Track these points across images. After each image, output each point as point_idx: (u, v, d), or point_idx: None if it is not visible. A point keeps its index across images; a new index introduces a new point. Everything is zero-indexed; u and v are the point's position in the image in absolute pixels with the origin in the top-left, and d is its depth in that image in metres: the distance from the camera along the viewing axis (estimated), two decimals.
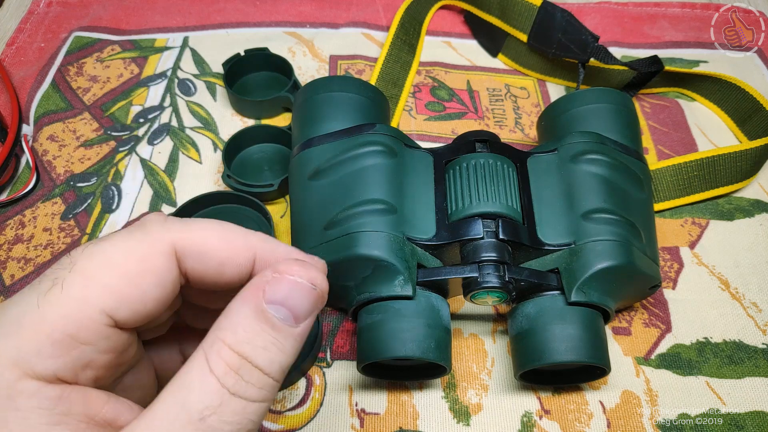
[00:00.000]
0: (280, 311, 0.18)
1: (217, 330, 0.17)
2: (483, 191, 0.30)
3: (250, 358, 0.17)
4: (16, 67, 0.46)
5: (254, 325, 0.17)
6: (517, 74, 0.48)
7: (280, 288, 0.18)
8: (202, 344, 0.17)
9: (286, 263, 0.18)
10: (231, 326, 0.17)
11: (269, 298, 0.17)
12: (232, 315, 0.17)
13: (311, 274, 0.18)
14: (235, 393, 0.17)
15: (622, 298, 0.31)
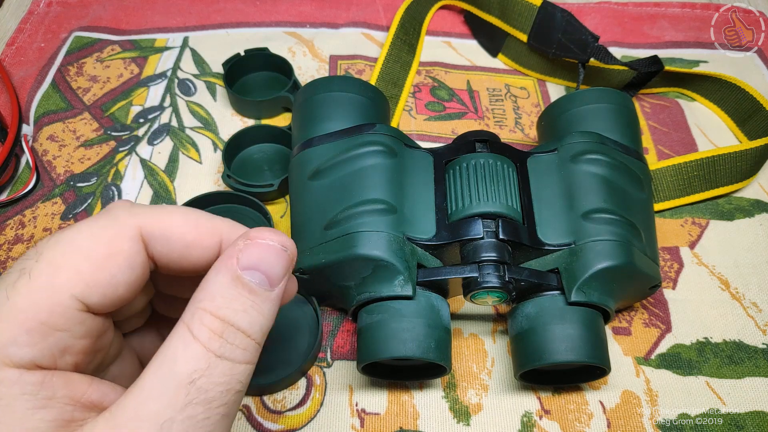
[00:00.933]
0: (255, 276, 0.18)
1: (196, 302, 0.18)
2: (483, 191, 0.30)
3: (232, 321, 0.17)
4: (16, 67, 0.46)
5: (231, 291, 0.18)
6: (517, 74, 0.48)
7: (253, 252, 0.18)
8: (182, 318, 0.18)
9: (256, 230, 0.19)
10: (209, 295, 0.18)
11: (243, 264, 0.18)
12: (209, 285, 0.18)
13: (281, 238, 0.19)
14: (221, 355, 0.17)
15: (622, 298, 0.31)
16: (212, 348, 0.17)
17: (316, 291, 0.32)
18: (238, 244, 0.18)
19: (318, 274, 0.30)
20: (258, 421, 0.31)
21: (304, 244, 0.30)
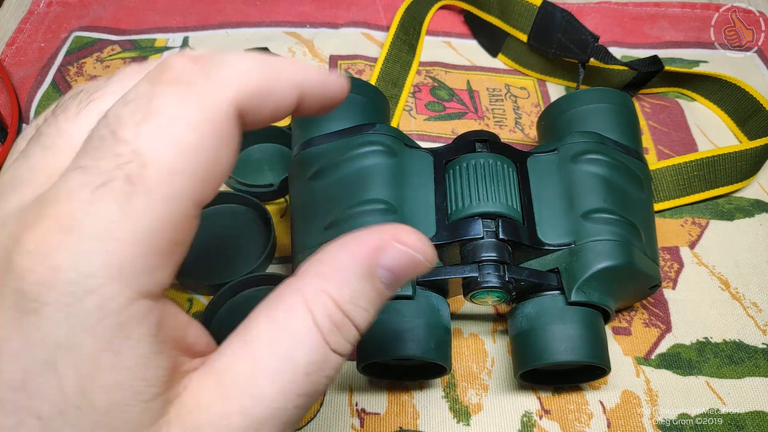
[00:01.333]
0: (387, 277, 0.17)
1: (321, 279, 0.17)
2: (483, 191, 0.30)
3: (352, 318, 0.17)
4: (16, 67, 0.46)
5: (362, 286, 0.17)
6: (517, 74, 0.48)
7: (398, 257, 0.17)
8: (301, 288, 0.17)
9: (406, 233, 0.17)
10: (338, 281, 0.17)
11: (383, 264, 0.17)
12: (342, 269, 0.17)
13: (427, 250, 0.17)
14: (335, 350, 0.17)
15: (622, 298, 0.31)
16: (330, 341, 0.16)
17: None
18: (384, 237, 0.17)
19: None
20: None
21: (304, 244, 0.30)
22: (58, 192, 0.14)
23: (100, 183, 0.14)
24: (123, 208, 0.14)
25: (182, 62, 0.15)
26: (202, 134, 0.15)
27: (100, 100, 0.16)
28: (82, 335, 0.13)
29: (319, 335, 0.16)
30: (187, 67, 0.15)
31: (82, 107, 0.16)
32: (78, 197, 0.14)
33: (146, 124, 0.14)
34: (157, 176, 0.14)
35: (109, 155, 0.14)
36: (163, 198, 0.14)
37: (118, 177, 0.14)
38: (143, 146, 0.14)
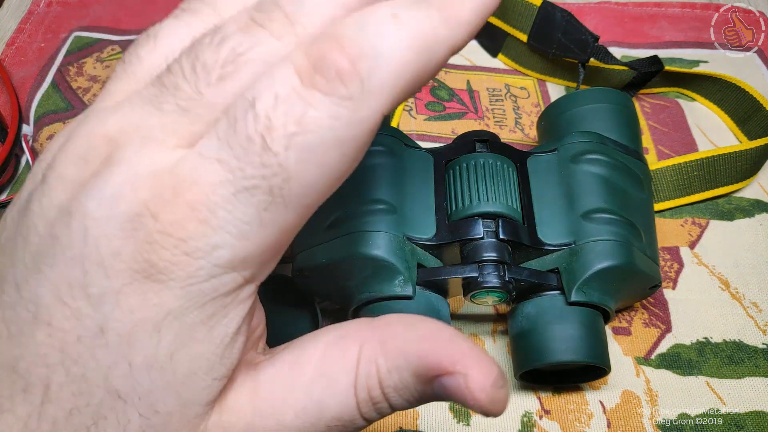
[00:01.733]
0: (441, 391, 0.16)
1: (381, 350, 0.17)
2: (483, 191, 0.30)
3: (391, 402, 0.17)
4: (16, 67, 0.46)
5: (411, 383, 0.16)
6: (517, 74, 0.48)
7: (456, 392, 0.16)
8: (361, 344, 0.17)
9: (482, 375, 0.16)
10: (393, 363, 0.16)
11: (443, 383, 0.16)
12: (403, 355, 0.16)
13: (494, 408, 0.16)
14: (363, 416, 0.17)
15: (622, 298, 0.31)
16: (362, 410, 0.17)
17: (316, 291, 0.32)
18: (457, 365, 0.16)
19: (318, 274, 0.30)
20: None
21: (305, 244, 0.30)
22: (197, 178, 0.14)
23: (242, 187, 0.14)
24: (259, 215, 0.14)
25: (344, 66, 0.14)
26: (345, 153, 0.15)
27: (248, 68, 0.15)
28: (191, 309, 0.15)
29: (355, 401, 0.16)
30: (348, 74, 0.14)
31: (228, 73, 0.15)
32: (219, 193, 0.14)
33: (297, 138, 0.14)
34: (297, 192, 0.15)
35: (257, 163, 0.14)
36: (295, 210, 0.15)
37: (262, 187, 0.14)
38: (290, 163, 0.14)
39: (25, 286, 0.15)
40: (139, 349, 0.15)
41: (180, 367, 0.15)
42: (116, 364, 0.15)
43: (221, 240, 0.14)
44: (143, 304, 0.15)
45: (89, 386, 0.15)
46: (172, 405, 0.15)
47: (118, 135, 0.15)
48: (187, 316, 0.15)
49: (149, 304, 0.15)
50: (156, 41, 0.17)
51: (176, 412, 0.15)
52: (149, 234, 0.14)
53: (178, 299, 0.15)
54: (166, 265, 0.14)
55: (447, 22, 0.16)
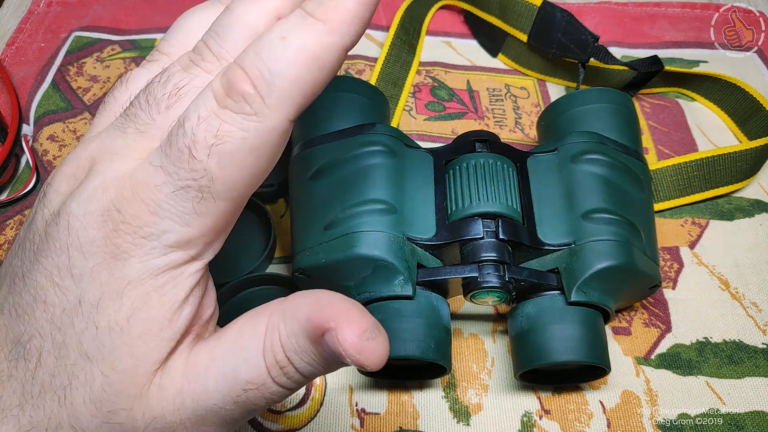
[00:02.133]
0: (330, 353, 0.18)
1: (282, 318, 0.19)
2: (483, 191, 0.30)
3: (295, 366, 0.19)
4: (16, 67, 0.46)
5: (306, 345, 0.19)
6: (517, 74, 0.48)
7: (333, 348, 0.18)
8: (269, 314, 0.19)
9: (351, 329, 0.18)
10: (290, 328, 0.19)
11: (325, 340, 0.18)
12: (297, 320, 0.19)
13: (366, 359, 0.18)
14: (275, 381, 0.19)
15: (622, 298, 0.31)
16: (272, 373, 0.19)
17: None
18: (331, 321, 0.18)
19: (318, 274, 0.30)
20: (258, 421, 0.31)
21: (304, 244, 0.30)
22: (147, 181, 0.19)
23: (179, 186, 0.18)
24: (195, 207, 0.19)
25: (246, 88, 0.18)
26: (258, 155, 0.19)
27: (186, 98, 0.20)
28: (147, 279, 0.19)
29: (263, 364, 0.19)
30: (249, 94, 0.18)
31: (172, 103, 0.20)
32: (163, 191, 0.18)
33: (216, 149, 0.18)
34: (222, 189, 0.18)
35: (187, 168, 0.18)
36: (224, 201, 0.19)
37: (194, 186, 0.18)
38: (213, 168, 0.18)
39: (28, 275, 0.19)
40: (104, 314, 0.18)
41: (135, 329, 0.19)
42: (87, 329, 0.18)
43: (168, 226, 0.18)
44: (110, 278, 0.18)
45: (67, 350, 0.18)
46: (127, 363, 0.19)
47: (96, 154, 0.20)
48: (143, 284, 0.19)
49: (115, 277, 0.18)
50: (126, 85, 0.22)
51: (129, 371, 0.19)
52: (115, 224, 0.18)
53: (137, 271, 0.19)
54: (129, 247, 0.18)
55: (330, 29, 0.18)
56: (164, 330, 0.19)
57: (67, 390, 0.19)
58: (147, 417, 0.19)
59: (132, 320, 0.19)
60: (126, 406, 0.19)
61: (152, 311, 0.19)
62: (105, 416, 0.19)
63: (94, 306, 0.18)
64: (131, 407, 0.19)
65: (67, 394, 0.19)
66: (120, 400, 0.19)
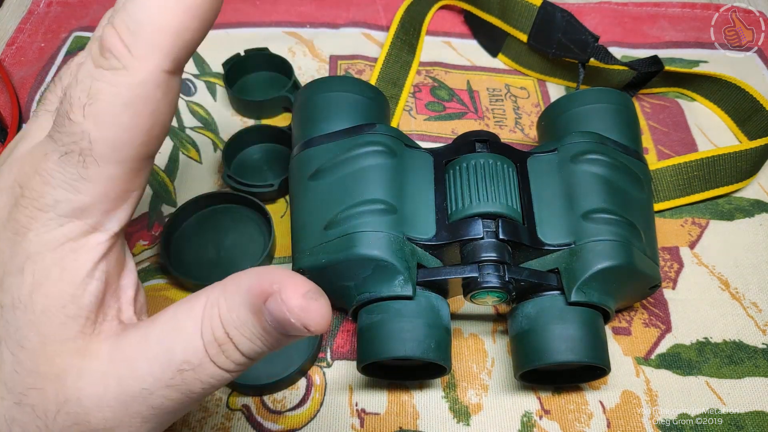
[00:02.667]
0: (273, 321, 0.17)
1: (222, 293, 0.18)
2: (483, 191, 0.30)
3: (235, 342, 0.18)
4: (16, 67, 0.46)
5: (248, 318, 0.18)
6: (517, 74, 0.48)
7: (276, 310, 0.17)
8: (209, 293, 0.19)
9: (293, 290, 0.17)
10: (231, 302, 0.18)
11: (268, 307, 0.17)
12: (237, 293, 0.18)
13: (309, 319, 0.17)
14: (213, 361, 0.18)
15: (622, 298, 0.31)
16: (209, 351, 0.18)
17: None
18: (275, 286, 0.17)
19: (318, 274, 0.30)
20: (258, 421, 0.31)
21: (304, 244, 0.30)
22: (39, 150, 0.19)
23: (63, 152, 0.18)
24: (80, 172, 0.18)
25: (114, 42, 0.18)
26: (135, 110, 0.18)
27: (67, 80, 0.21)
28: (45, 251, 0.18)
29: (201, 342, 0.18)
30: (116, 47, 0.17)
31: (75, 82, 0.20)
32: (52, 159, 0.18)
33: (89, 108, 0.18)
34: (103, 150, 0.18)
35: (67, 132, 0.18)
36: (110, 163, 0.18)
37: (75, 150, 0.18)
38: (89, 128, 0.18)
39: None
40: (7, 292, 0.18)
41: (37, 304, 0.18)
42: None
43: (60, 195, 0.18)
44: (12, 254, 0.19)
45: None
46: (34, 341, 0.18)
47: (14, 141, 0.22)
48: (43, 258, 0.18)
49: (15, 252, 0.19)
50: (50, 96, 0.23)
51: (38, 349, 0.18)
52: (16, 199, 0.19)
53: (35, 245, 0.18)
54: (27, 221, 0.19)
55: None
56: (67, 306, 0.18)
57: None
58: (60, 399, 0.18)
59: (34, 295, 0.18)
60: (38, 386, 0.18)
61: (54, 286, 0.18)
62: (17, 397, 0.18)
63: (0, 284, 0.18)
64: (43, 387, 0.18)
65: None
66: (31, 380, 0.18)
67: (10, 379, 0.18)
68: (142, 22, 0.17)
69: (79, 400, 0.18)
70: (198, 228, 0.37)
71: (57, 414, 0.18)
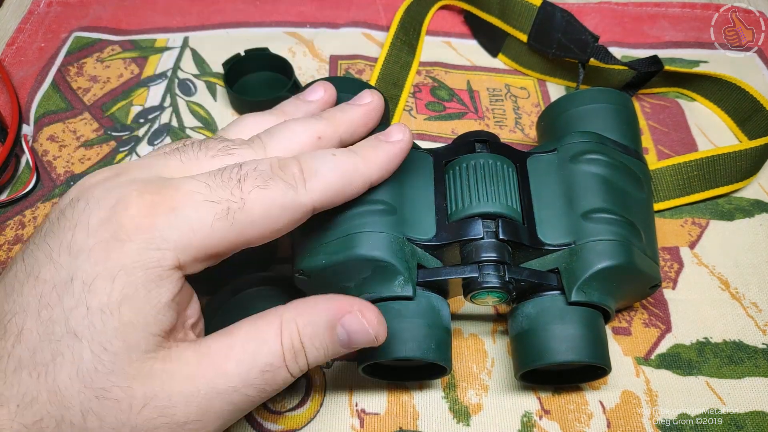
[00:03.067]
0: (343, 335, 0.23)
1: (297, 313, 0.23)
2: (483, 191, 0.30)
3: (306, 351, 0.23)
4: (16, 67, 0.46)
5: (322, 331, 0.23)
6: (517, 74, 0.48)
7: (355, 326, 0.23)
8: (282, 313, 0.23)
9: (370, 311, 0.24)
10: (307, 319, 0.23)
11: (344, 323, 0.23)
12: (314, 312, 0.23)
13: (380, 331, 0.24)
14: (287, 366, 0.22)
15: (622, 297, 0.32)
16: (286, 357, 0.22)
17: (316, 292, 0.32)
18: (354, 306, 0.23)
19: (318, 275, 0.30)
20: (258, 422, 0.31)
21: (304, 245, 0.30)
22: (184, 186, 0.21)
23: (212, 200, 0.21)
24: (213, 222, 0.21)
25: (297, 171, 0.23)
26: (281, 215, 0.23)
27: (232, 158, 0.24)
28: (137, 269, 0.20)
29: (281, 348, 0.22)
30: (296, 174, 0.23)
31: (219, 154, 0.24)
32: (194, 198, 0.21)
33: (258, 191, 0.22)
34: (244, 220, 0.22)
35: (229, 192, 0.22)
36: (237, 231, 0.22)
37: (224, 205, 0.21)
38: (250, 199, 0.22)
39: (29, 255, 0.21)
40: (95, 295, 0.19)
41: (125, 316, 0.20)
42: (77, 307, 0.19)
43: (179, 225, 0.20)
44: (106, 258, 0.20)
45: (53, 327, 0.19)
46: (118, 346, 0.20)
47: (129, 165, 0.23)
48: (135, 274, 0.20)
49: (110, 258, 0.20)
50: None
51: (121, 353, 0.20)
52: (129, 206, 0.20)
53: (131, 257, 0.20)
54: (134, 229, 0.20)
55: (364, 161, 0.26)
56: (150, 325, 0.20)
57: (50, 366, 0.19)
58: (148, 395, 0.20)
59: (123, 307, 0.20)
60: (123, 384, 0.20)
61: (140, 303, 0.20)
62: (96, 392, 0.19)
63: (87, 286, 0.19)
64: (129, 386, 0.20)
65: (48, 371, 0.19)
66: (115, 379, 0.20)
67: (90, 375, 0.19)
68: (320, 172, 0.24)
69: (169, 397, 0.20)
70: None
71: (143, 407, 0.20)
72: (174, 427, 0.20)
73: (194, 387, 0.21)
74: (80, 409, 0.19)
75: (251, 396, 0.22)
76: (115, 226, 0.20)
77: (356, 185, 0.25)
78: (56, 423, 0.19)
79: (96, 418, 0.19)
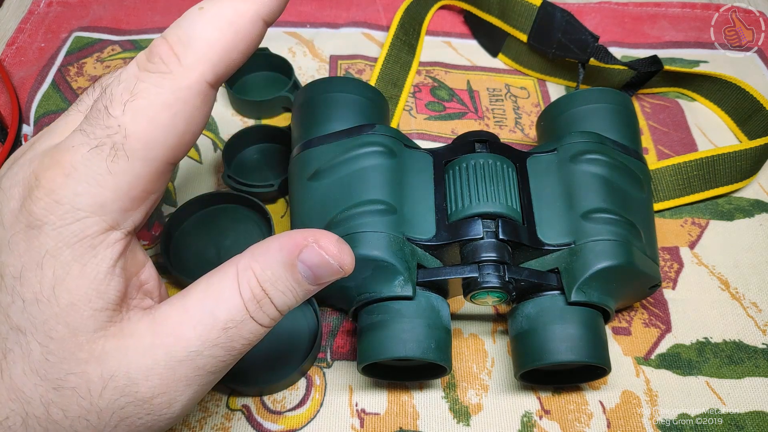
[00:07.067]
0: (306, 271, 0.21)
1: (252, 258, 0.21)
2: (483, 191, 0.30)
3: (271, 296, 0.20)
4: (16, 67, 0.46)
5: (282, 272, 0.20)
6: (517, 74, 0.48)
7: (315, 259, 0.20)
8: (237, 262, 0.21)
9: (327, 239, 0.20)
10: (264, 263, 0.20)
11: (302, 258, 0.20)
12: (268, 254, 0.20)
13: (344, 259, 0.21)
14: (253, 317, 0.20)
15: (622, 297, 0.32)
16: (249, 308, 0.20)
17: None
18: (308, 239, 0.20)
19: None
20: (258, 422, 0.31)
21: None
22: (66, 144, 0.19)
23: (94, 145, 0.19)
24: (109, 166, 0.19)
25: (164, 50, 0.19)
26: (174, 112, 0.19)
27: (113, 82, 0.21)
28: (63, 248, 0.19)
29: (240, 300, 0.20)
30: (166, 54, 0.19)
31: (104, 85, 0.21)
32: (79, 152, 0.19)
33: (130, 104, 0.19)
34: (136, 146, 0.19)
35: (102, 126, 0.19)
36: (139, 160, 0.19)
37: (107, 143, 0.19)
38: (127, 122, 0.19)
39: None
40: (28, 286, 0.19)
41: (62, 299, 0.19)
42: (13, 302, 0.19)
43: (81, 188, 0.19)
44: (28, 248, 0.19)
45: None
46: (63, 332, 0.19)
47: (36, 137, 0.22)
48: (62, 254, 0.19)
49: (32, 246, 0.19)
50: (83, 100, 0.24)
51: (68, 338, 0.19)
52: (32, 191, 0.19)
53: (53, 239, 0.19)
54: (42, 212, 0.19)
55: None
56: (93, 301, 0.19)
57: (2, 365, 0.19)
58: (105, 376, 0.19)
59: (57, 291, 0.19)
60: (77, 370, 0.19)
61: (76, 282, 0.19)
62: (53, 383, 0.19)
63: (17, 279, 0.19)
64: (84, 370, 0.19)
65: (3, 369, 0.19)
66: (68, 366, 0.19)
67: (42, 367, 0.19)
68: (194, 36, 0.19)
69: (127, 374, 0.19)
70: (198, 228, 0.37)
71: (103, 390, 0.19)
72: (140, 404, 0.20)
73: (152, 359, 0.19)
74: (41, 402, 0.19)
75: (219, 356, 0.20)
76: (26, 214, 0.19)
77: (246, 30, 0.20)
78: (22, 420, 0.19)
79: (58, 409, 0.19)
